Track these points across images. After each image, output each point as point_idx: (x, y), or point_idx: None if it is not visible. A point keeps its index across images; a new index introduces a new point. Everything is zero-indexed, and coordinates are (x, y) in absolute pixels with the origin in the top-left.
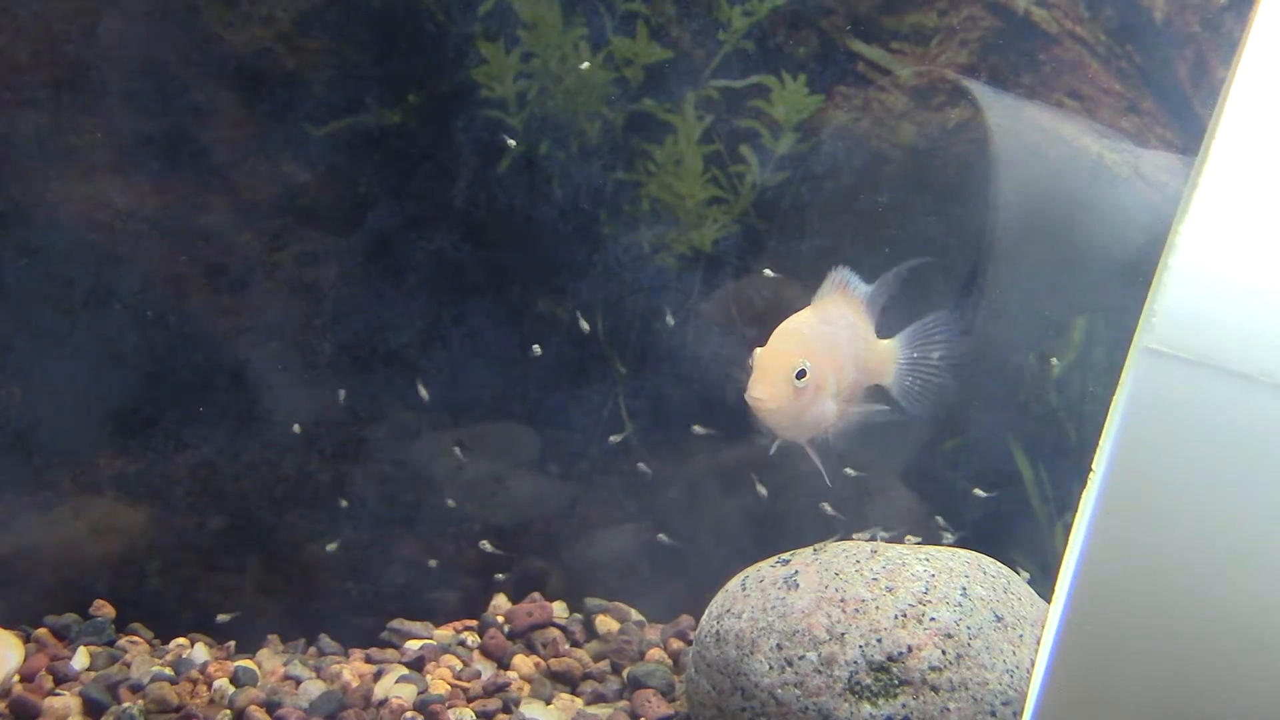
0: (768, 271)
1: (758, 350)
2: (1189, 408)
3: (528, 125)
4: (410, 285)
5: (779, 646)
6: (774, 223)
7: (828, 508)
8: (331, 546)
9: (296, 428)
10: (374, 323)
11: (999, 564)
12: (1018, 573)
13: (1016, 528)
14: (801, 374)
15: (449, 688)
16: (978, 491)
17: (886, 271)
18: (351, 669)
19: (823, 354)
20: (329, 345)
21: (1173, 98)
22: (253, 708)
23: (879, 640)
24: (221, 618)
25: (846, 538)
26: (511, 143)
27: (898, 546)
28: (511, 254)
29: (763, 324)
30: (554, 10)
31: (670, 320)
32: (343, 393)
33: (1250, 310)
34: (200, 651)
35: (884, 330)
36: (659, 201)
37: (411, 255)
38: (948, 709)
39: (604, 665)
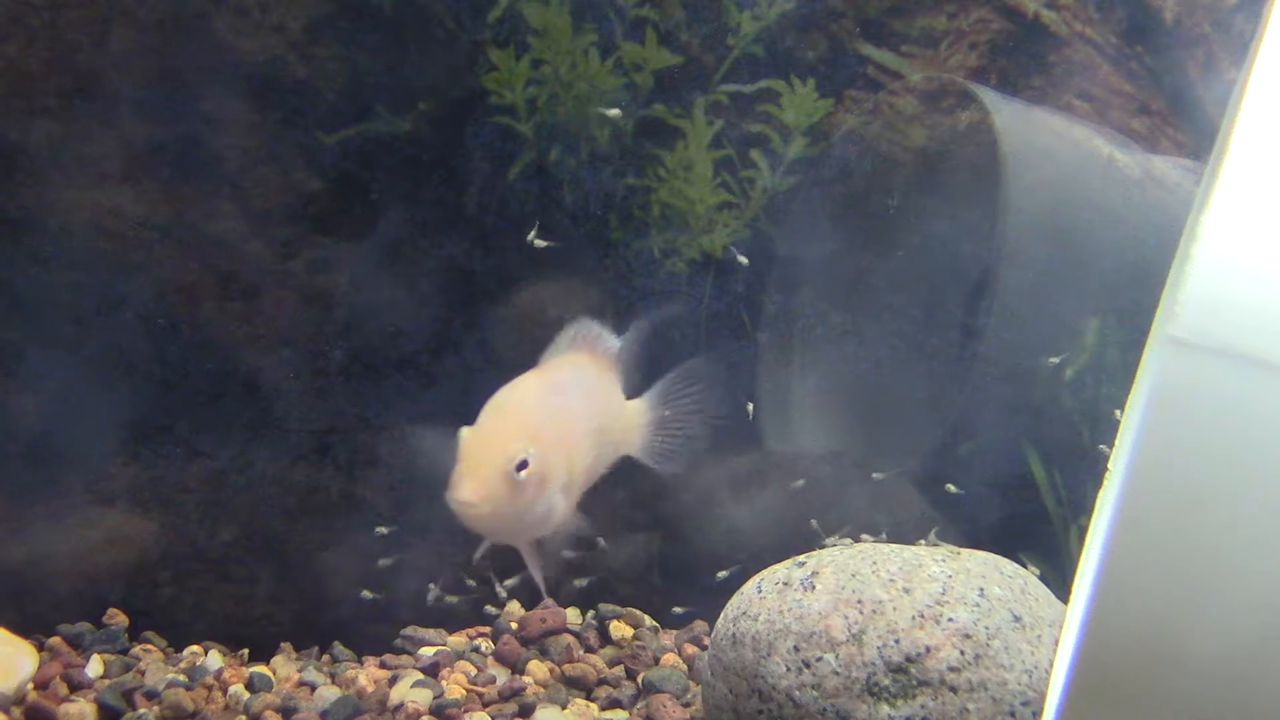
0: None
1: (464, 431)
2: (1213, 396)
3: (538, 131)
4: (422, 292)
5: (796, 648)
6: (785, 227)
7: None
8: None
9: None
10: (386, 329)
11: (1016, 565)
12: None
13: (1030, 531)
14: (523, 465)
15: (464, 693)
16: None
17: (638, 321)
18: (366, 674)
19: (551, 435)
20: (341, 352)
21: (1183, 98)
22: (269, 713)
23: (897, 641)
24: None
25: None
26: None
27: (913, 547)
28: (522, 260)
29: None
30: (564, 16)
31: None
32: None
33: (1274, 298)
34: (214, 659)
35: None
36: (670, 206)
37: (423, 262)
38: (966, 709)
39: (619, 671)
